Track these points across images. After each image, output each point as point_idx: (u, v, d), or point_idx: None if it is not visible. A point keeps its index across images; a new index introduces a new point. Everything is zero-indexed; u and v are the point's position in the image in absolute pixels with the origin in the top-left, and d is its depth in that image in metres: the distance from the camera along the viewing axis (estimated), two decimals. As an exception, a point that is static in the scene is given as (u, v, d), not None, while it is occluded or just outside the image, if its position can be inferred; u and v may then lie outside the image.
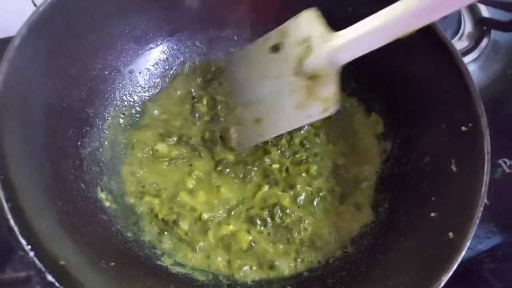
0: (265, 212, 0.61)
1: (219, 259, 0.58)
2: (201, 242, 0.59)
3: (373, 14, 0.49)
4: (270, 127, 0.61)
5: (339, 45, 0.51)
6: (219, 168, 0.64)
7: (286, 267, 0.58)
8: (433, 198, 0.54)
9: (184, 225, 0.59)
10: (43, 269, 0.38)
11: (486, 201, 0.48)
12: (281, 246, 0.60)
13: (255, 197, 0.63)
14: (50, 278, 0.38)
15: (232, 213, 0.61)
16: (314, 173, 0.64)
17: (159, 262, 0.56)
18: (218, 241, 0.59)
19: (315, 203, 0.63)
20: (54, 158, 0.52)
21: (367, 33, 0.49)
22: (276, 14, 0.70)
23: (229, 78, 0.69)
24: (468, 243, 0.45)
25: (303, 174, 0.64)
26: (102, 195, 0.58)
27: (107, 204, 0.57)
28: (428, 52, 0.58)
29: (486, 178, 0.48)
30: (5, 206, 0.40)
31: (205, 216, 0.60)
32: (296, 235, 0.60)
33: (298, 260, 0.59)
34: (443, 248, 0.46)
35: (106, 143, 0.62)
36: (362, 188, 0.64)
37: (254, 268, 0.58)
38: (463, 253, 0.45)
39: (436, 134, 0.58)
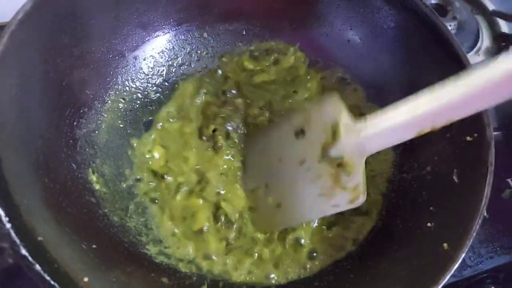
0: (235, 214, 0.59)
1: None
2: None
3: (407, 103, 0.44)
4: (293, 215, 0.58)
5: (366, 136, 0.48)
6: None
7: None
8: (431, 208, 0.52)
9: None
10: (18, 241, 0.37)
11: (485, 214, 0.46)
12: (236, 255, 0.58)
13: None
14: (24, 251, 0.37)
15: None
16: None
17: (143, 250, 0.55)
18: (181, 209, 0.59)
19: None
20: (47, 136, 0.51)
21: (399, 125, 0.44)
22: (287, 11, 0.71)
23: (247, 157, 0.66)
24: (462, 256, 0.43)
25: None
26: (93, 177, 0.57)
27: (97, 187, 0.57)
28: (440, 62, 0.57)
29: (487, 191, 0.46)
30: (-13, 175, 0.40)
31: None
32: (256, 251, 0.58)
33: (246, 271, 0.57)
34: (436, 259, 0.45)
35: (103, 126, 0.61)
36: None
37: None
38: (456, 265, 0.43)
39: (440, 143, 0.56)
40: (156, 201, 0.60)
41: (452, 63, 0.54)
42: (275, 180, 0.60)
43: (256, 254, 0.58)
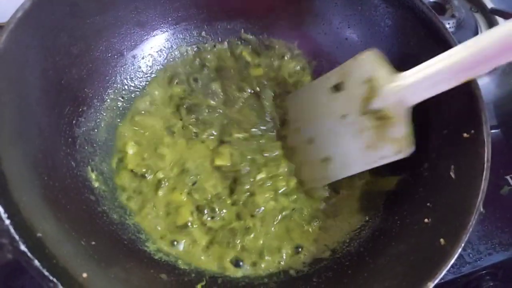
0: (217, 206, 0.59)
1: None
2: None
3: (445, 53, 0.47)
4: (340, 168, 0.59)
5: (405, 85, 0.50)
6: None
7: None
8: (428, 204, 0.52)
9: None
10: (17, 237, 0.38)
11: (482, 209, 0.46)
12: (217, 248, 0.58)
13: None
14: (23, 247, 0.38)
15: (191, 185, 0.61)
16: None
17: (142, 247, 0.55)
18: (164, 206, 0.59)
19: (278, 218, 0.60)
20: (46, 134, 0.52)
21: (437, 74, 0.47)
22: (285, 10, 0.71)
23: (289, 114, 0.67)
24: (459, 251, 0.43)
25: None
26: (92, 175, 0.57)
27: (96, 184, 0.57)
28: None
29: (483, 186, 0.46)
30: (-14, 171, 0.40)
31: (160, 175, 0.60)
32: (238, 241, 0.58)
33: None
34: (433, 255, 0.45)
35: (102, 125, 0.62)
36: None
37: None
38: (453, 260, 0.43)
39: (437, 140, 0.57)
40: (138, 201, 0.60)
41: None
42: (320, 135, 0.60)
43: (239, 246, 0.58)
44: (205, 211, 0.59)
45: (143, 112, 0.66)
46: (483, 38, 0.44)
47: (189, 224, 0.58)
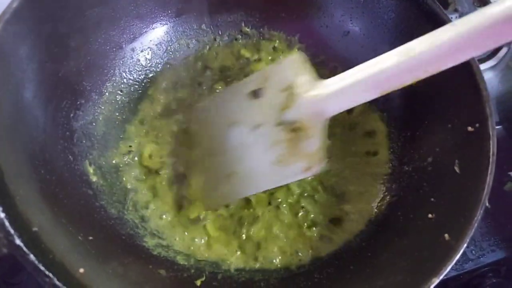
0: None
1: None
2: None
3: (367, 62, 0.42)
4: (241, 185, 0.55)
5: (325, 95, 0.45)
6: None
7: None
8: (432, 199, 0.52)
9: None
10: (12, 231, 0.37)
11: (487, 204, 0.45)
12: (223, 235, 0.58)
13: None
14: (18, 242, 0.37)
15: None
16: None
17: (141, 243, 0.54)
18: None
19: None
20: (43, 126, 0.51)
21: (358, 83, 0.42)
22: (286, 2, 0.70)
23: (197, 123, 0.62)
24: (464, 246, 0.42)
25: None
26: (90, 169, 0.56)
27: (94, 179, 0.56)
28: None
29: (489, 180, 0.46)
30: (-18, 165, 0.39)
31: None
32: (244, 231, 0.57)
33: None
34: (437, 250, 0.44)
35: (100, 118, 0.61)
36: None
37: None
38: (458, 256, 0.42)
39: (441, 134, 0.56)
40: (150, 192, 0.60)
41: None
42: (228, 147, 0.55)
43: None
44: None
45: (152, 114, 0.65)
46: (411, 45, 0.39)
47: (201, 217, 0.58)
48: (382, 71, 0.41)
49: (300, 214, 0.59)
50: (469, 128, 0.51)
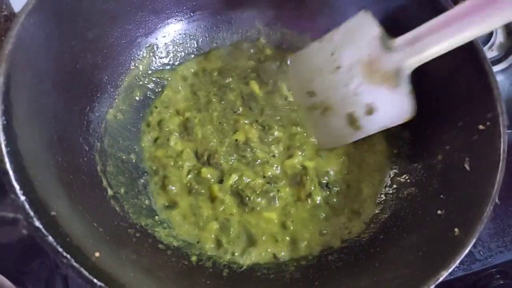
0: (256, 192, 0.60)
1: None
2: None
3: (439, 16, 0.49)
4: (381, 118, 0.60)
5: (404, 46, 0.52)
6: None
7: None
8: (442, 196, 0.52)
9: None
10: (32, 214, 0.38)
11: (497, 200, 0.45)
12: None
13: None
14: (37, 223, 0.38)
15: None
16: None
17: (153, 232, 0.55)
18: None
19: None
20: (61, 116, 0.52)
21: (433, 30, 0.50)
22: (299, 2, 0.70)
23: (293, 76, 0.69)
24: (473, 241, 0.43)
25: None
26: (105, 160, 0.57)
27: (109, 169, 0.57)
28: (453, 53, 0.56)
29: (499, 177, 0.46)
30: (4, 150, 0.40)
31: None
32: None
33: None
34: (446, 245, 0.45)
35: (115, 111, 0.62)
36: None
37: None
38: (467, 250, 0.42)
39: (452, 132, 0.56)
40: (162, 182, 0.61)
41: (466, 54, 0.53)
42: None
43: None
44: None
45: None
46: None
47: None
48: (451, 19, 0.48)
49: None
50: (480, 127, 0.51)
